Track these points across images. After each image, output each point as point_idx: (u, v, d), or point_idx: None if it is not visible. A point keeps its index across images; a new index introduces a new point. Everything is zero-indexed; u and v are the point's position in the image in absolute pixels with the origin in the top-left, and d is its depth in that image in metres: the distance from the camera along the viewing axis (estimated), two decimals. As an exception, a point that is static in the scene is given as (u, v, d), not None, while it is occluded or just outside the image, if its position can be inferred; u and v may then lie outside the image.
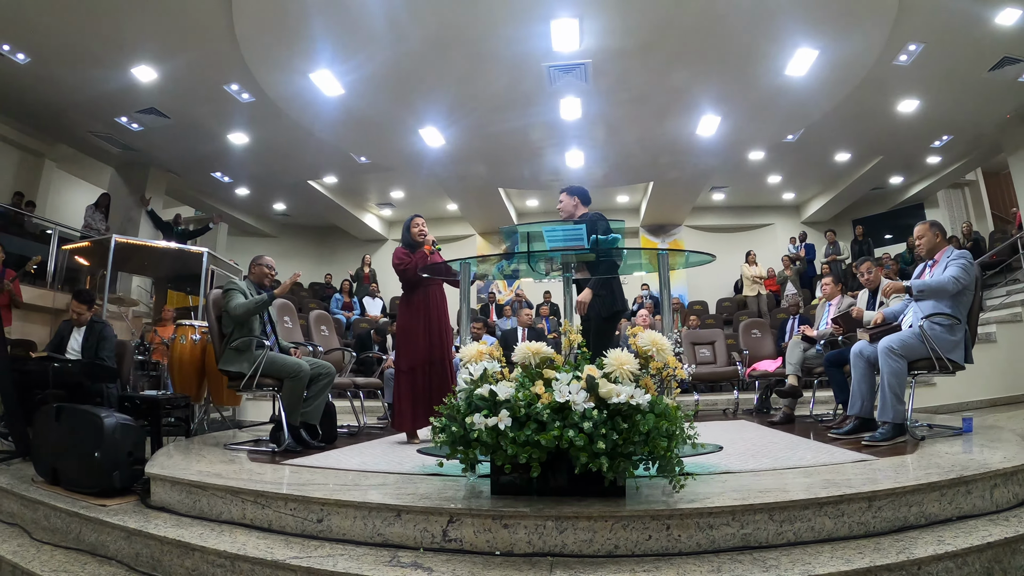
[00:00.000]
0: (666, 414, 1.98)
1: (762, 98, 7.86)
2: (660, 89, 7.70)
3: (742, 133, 8.96)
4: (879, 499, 2.00)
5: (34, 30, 6.43)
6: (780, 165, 11.16)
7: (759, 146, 9.88)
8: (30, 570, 2.25)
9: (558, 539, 1.91)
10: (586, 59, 6.97)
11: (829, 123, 8.75)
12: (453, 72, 7.37)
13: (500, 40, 6.68)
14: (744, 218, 13.83)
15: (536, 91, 7.72)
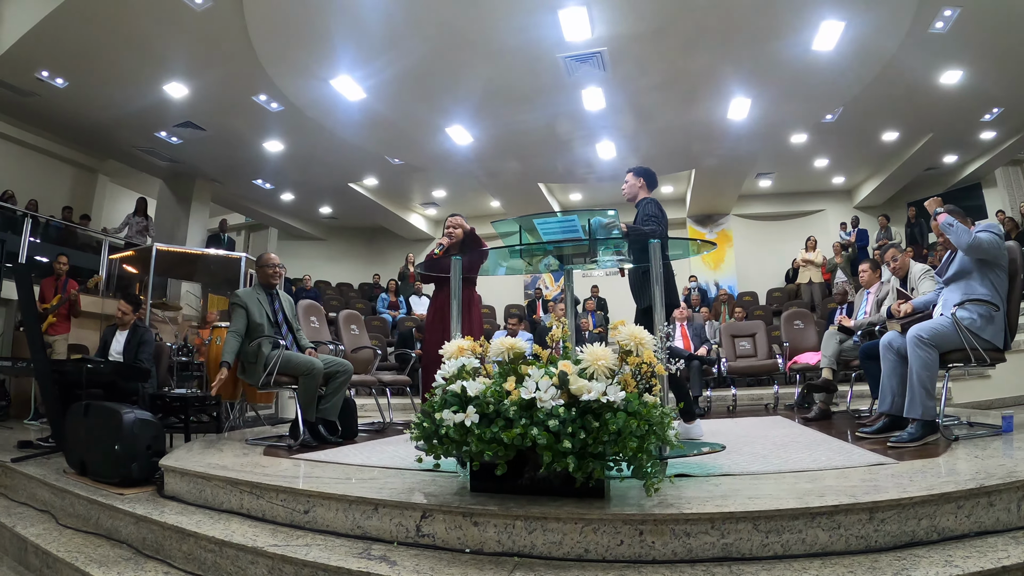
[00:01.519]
0: (638, 413, 1.88)
1: (791, 77, 7.52)
2: (682, 73, 7.49)
3: (776, 115, 8.60)
4: (882, 511, 1.79)
5: (68, 56, 6.86)
6: (825, 147, 10.65)
7: (799, 128, 9.46)
8: (48, 550, 2.45)
9: (527, 540, 1.87)
10: (600, 47, 6.85)
11: (870, 100, 8.28)
12: (469, 70, 7.39)
13: (510, 34, 6.65)
14: (794, 205, 13.28)
15: (555, 83, 7.64)
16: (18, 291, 4.31)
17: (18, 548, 2.70)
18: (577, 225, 2.87)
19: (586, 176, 11.18)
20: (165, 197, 10.83)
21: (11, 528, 2.76)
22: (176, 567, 2.23)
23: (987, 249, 3.02)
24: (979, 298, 3.04)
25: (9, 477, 3.56)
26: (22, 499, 3.28)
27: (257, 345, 3.95)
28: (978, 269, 3.08)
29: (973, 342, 2.98)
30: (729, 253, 13.20)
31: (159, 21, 6.23)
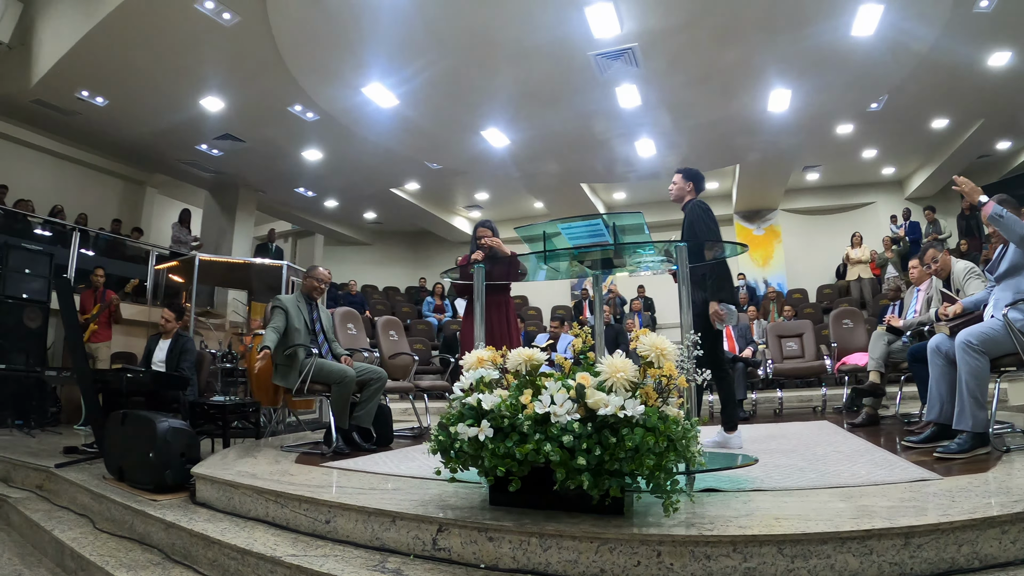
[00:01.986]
0: (656, 428, 1.80)
1: (831, 65, 7.24)
2: (717, 66, 7.29)
3: (819, 105, 8.30)
4: (918, 535, 1.63)
5: (106, 76, 7.18)
6: (873, 137, 10.22)
7: (844, 118, 9.11)
8: (82, 554, 2.54)
9: (542, 557, 1.81)
10: (631, 43, 6.73)
11: (916, 86, 7.93)
12: (499, 72, 7.39)
13: (538, 34, 6.61)
14: (843, 198, 12.82)
15: (588, 82, 7.55)
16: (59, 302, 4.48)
17: (56, 551, 2.79)
18: (602, 228, 2.78)
19: (627, 174, 11.05)
20: (210, 207, 11.23)
21: (50, 532, 2.87)
22: (202, 573, 2.28)
23: None
24: None
25: (52, 482, 3.70)
26: (63, 503, 3.41)
27: (293, 351, 4.02)
28: None
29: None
30: (778, 249, 12.83)
31: (190, 38, 6.45)
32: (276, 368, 4.09)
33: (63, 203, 9.41)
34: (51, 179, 10.11)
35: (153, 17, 6.07)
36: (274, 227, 13.12)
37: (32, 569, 2.75)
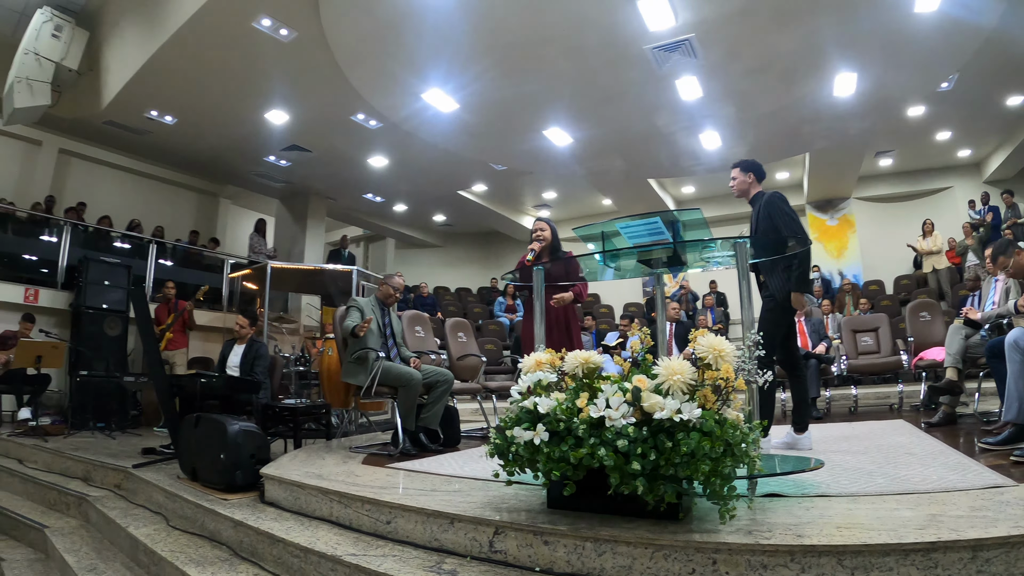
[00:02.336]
0: (713, 433, 1.75)
1: (896, 44, 6.83)
2: (778, 53, 7.02)
3: (886, 88, 7.87)
4: (986, 549, 1.52)
5: (172, 95, 7.62)
6: (946, 119, 9.65)
7: (914, 100, 8.63)
8: (154, 550, 2.69)
9: (596, 562, 1.79)
10: (687, 34, 6.56)
11: (986, 62, 7.43)
12: (556, 72, 7.35)
13: (592, 31, 6.54)
14: (918, 183, 12.19)
15: (647, 76, 7.42)
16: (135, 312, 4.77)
17: (131, 546, 2.97)
18: (661, 226, 2.74)
19: (694, 168, 10.85)
20: (282, 216, 11.72)
21: (125, 528, 3.05)
22: (266, 570, 2.38)
23: None
24: None
25: (130, 481, 3.92)
26: (140, 502, 3.61)
27: (365, 352, 4.14)
28: None
29: None
30: (852, 239, 12.37)
31: (251, 55, 6.73)
32: (345, 367, 4.22)
33: (140, 217, 10.06)
34: (128, 195, 10.82)
35: (213, 38, 6.37)
36: (346, 233, 13.59)
37: (107, 563, 2.93)
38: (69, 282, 7.87)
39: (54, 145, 9.81)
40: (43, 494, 4.25)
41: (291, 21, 6.18)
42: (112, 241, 9.20)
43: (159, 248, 9.30)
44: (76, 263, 7.78)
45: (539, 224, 4.22)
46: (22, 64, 6.72)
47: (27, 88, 6.71)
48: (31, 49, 6.77)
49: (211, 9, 5.83)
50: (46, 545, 3.42)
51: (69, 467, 4.60)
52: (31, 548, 3.61)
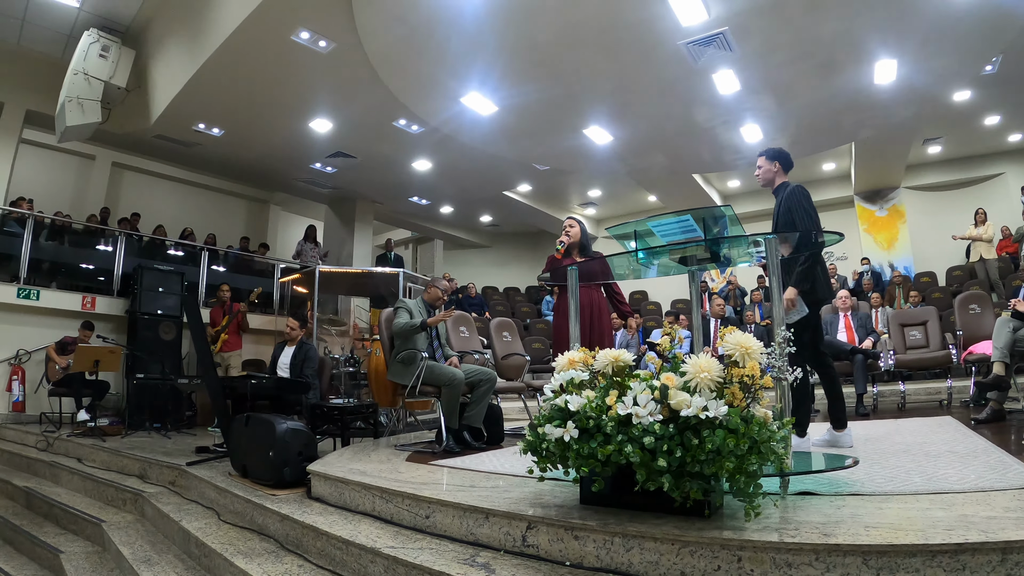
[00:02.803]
0: (738, 430, 1.76)
1: (934, 29, 6.61)
2: (814, 42, 6.87)
3: (928, 73, 7.63)
4: (1016, 552, 1.48)
5: (218, 108, 7.93)
6: (994, 102, 9.26)
7: (958, 84, 8.32)
8: (204, 542, 2.84)
9: (624, 557, 1.83)
10: (721, 27, 6.48)
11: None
12: (592, 71, 7.36)
13: (624, 29, 6.52)
14: (969, 170, 11.77)
15: (683, 72, 7.36)
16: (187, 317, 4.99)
17: (183, 539, 3.13)
18: (693, 223, 2.72)
19: (736, 162, 10.72)
20: (331, 220, 12.07)
21: (178, 522, 3.21)
22: (311, 561, 2.48)
23: None
24: None
25: (184, 478, 4.11)
26: (192, 497, 3.78)
27: (413, 353, 4.25)
28: None
29: None
30: (903, 230, 12.03)
31: (291, 67, 6.94)
32: (392, 367, 4.35)
33: (192, 225, 10.51)
34: (180, 204, 11.33)
35: (254, 52, 6.59)
36: (391, 236, 13.90)
37: (161, 555, 3.09)
38: (125, 289, 8.28)
39: (107, 159, 10.37)
40: (101, 491, 4.49)
41: (328, 33, 6.34)
42: (165, 249, 9.63)
43: (211, 255, 9.68)
44: (131, 271, 8.19)
45: (569, 221, 4.29)
46: (72, 84, 7.07)
47: (78, 107, 7.06)
48: (80, 69, 7.12)
49: (250, 25, 6.03)
50: (103, 538, 3.62)
51: (126, 465, 4.85)
52: (89, 541, 3.81)
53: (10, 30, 7.86)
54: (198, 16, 6.81)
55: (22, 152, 8.70)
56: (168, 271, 8.21)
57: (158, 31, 7.69)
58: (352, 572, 2.33)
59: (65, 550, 3.62)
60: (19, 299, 7.49)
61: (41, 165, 9.85)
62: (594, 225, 14.57)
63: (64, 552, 3.57)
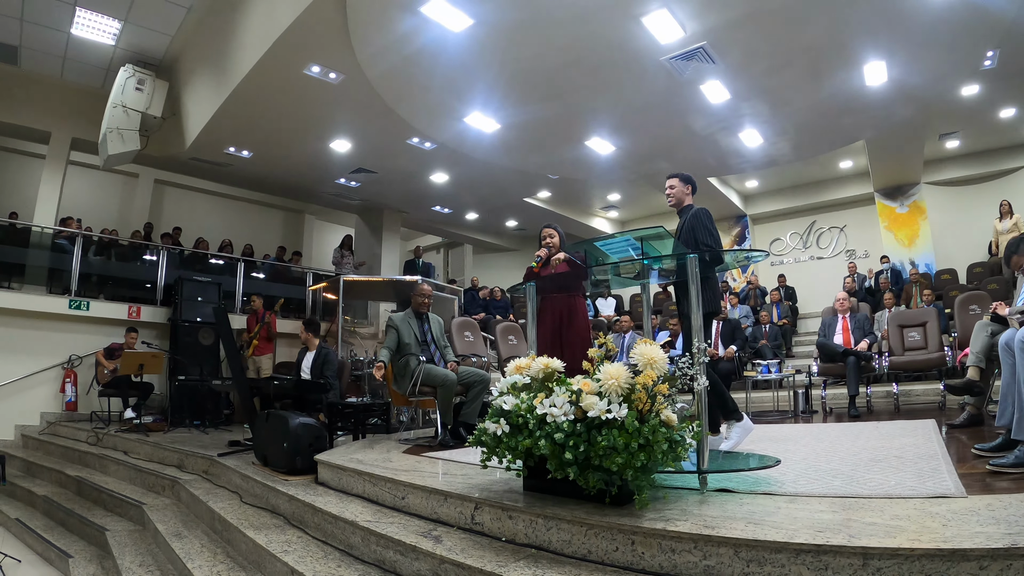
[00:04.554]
0: (627, 430, 2.07)
1: (919, 28, 6.64)
2: (797, 50, 6.97)
3: (922, 73, 7.58)
4: (877, 557, 1.59)
5: (246, 133, 8.54)
6: (1007, 95, 8.99)
7: (959, 81, 8.22)
8: (225, 518, 3.37)
9: (546, 536, 2.18)
10: (699, 42, 6.68)
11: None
12: (585, 89, 7.66)
13: (608, 51, 6.80)
14: (991, 164, 11.46)
15: (672, 85, 7.58)
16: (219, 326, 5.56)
17: (210, 518, 3.67)
18: (633, 243, 2.94)
19: (742, 166, 10.85)
20: (361, 229, 12.66)
21: (206, 503, 3.76)
22: (308, 534, 2.99)
23: None
24: None
25: (215, 467, 4.69)
26: (221, 483, 4.36)
27: (405, 361, 4.69)
28: None
29: None
30: (924, 227, 11.82)
31: (307, 96, 7.49)
32: (395, 377, 4.80)
33: (231, 236, 11.18)
34: (219, 216, 12.08)
35: (273, 84, 7.15)
36: (420, 243, 14.42)
37: (190, 531, 3.65)
38: (167, 299, 8.95)
39: (149, 177, 11.16)
40: (143, 479, 5.11)
41: (336, 66, 6.86)
42: (205, 261, 10.28)
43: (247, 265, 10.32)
44: (172, 282, 8.88)
45: (547, 231, 4.36)
46: (112, 116, 7.77)
47: (119, 137, 7.76)
48: (119, 102, 7.82)
49: (266, 62, 6.60)
50: (143, 518, 4.19)
51: (166, 457, 5.46)
52: (131, 521, 4.41)
53: (53, 66, 8.64)
54: (221, 54, 7.43)
55: (70, 173, 9.43)
56: (207, 282, 8.87)
57: (188, 64, 8.35)
58: (338, 541, 2.82)
59: (110, 528, 4.21)
60: (71, 310, 8.18)
61: (88, 185, 10.65)
62: (618, 227, 14.79)
63: (109, 530, 4.16)
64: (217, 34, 7.44)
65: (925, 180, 11.85)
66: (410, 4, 5.89)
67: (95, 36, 7.92)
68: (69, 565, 3.91)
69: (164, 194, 11.62)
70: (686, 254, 2.70)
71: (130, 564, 3.49)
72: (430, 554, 2.25)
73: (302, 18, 5.88)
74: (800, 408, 6.33)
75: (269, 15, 6.36)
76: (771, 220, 13.78)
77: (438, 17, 6.07)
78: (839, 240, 13.02)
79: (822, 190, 12.95)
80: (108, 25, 7.72)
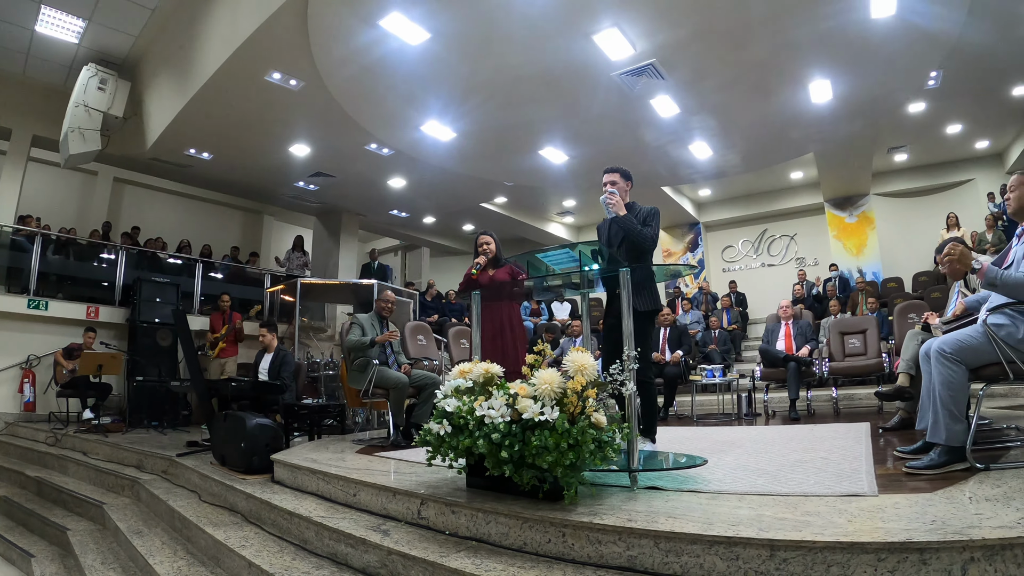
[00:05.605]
0: (555, 431, 2.23)
1: (860, 48, 6.92)
2: (743, 68, 7.25)
3: (867, 90, 7.89)
4: (781, 549, 1.69)
5: (206, 135, 8.60)
6: (953, 112, 9.55)
7: (907, 98, 8.56)
8: (185, 516, 3.48)
9: (485, 529, 2.31)
10: (648, 59, 6.93)
11: (977, 53, 7.33)
12: (538, 102, 7.88)
13: (560, 67, 7.03)
14: (938, 177, 12.01)
15: (623, 99, 7.81)
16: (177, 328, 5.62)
17: (169, 516, 3.77)
18: (574, 255, 3.09)
19: (692, 176, 11.18)
20: (319, 231, 12.68)
21: (166, 502, 3.86)
22: (265, 530, 3.12)
23: None
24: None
25: (174, 467, 4.77)
26: (180, 483, 4.44)
27: (364, 362, 4.84)
28: None
29: (1010, 355, 2.48)
30: (872, 236, 12.31)
31: (268, 101, 7.59)
32: (350, 373, 4.95)
33: (190, 236, 11.13)
34: (178, 216, 12.01)
35: (233, 90, 7.24)
36: (376, 246, 14.44)
37: (150, 529, 3.76)
38: (125, 299, 8.92)
39: (109, 175, 11.05)
40: (103, 479, 5.16)
41: (296, 73, 6.98)
42: (163, 261, 10.25)
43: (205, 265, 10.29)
44: (131, 282, 8.85)
45: (484, 238, 4.49)
46: (74, 116, 7.75)
47: (80, 136, 7.74)
48: (81, 102, 7.80)
49: (229, 68, 6.69)
50: (104, 518, 4.27)
51: (125, 457, 5.51)
52: (91, 521, 4.47)
53: (16, 62, 8.57)
54: (184, 57, 7.47)
55: (29, 170, 9.34)
56: (165, 282, 8.87)
57: (151, 65, 8.35)
58: (293, 536, 2.95)
59: (71, 528, 4.27)
60: (29, 309, 8.12)
61: (47, 182, 10.51)
62: (574, 232, 15.04)
63: (70, 530, 4.22)
64: (181, 37, 7.46)
65: (875, 191, 12.33)
66: (369, 17, 6.05)
67: (59, 34, 7.89)
68: (32, 564, 3.96)
69: (123, 192, 11.50)
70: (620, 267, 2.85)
71: (92, 562, 3.57)
72: (378, 546, 2.40)
73: (265, 26, 6.00)
74: (743, 411, 6.53)
75: (233, 22, 6.44)
76: (724, 228, 14.14)
77: (396, 31, 6.25)
78: (790, 248, 13.47)
79: (774, 199, 13.37)
80: (72, 24, 7.70)
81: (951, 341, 2.57)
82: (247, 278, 11.17)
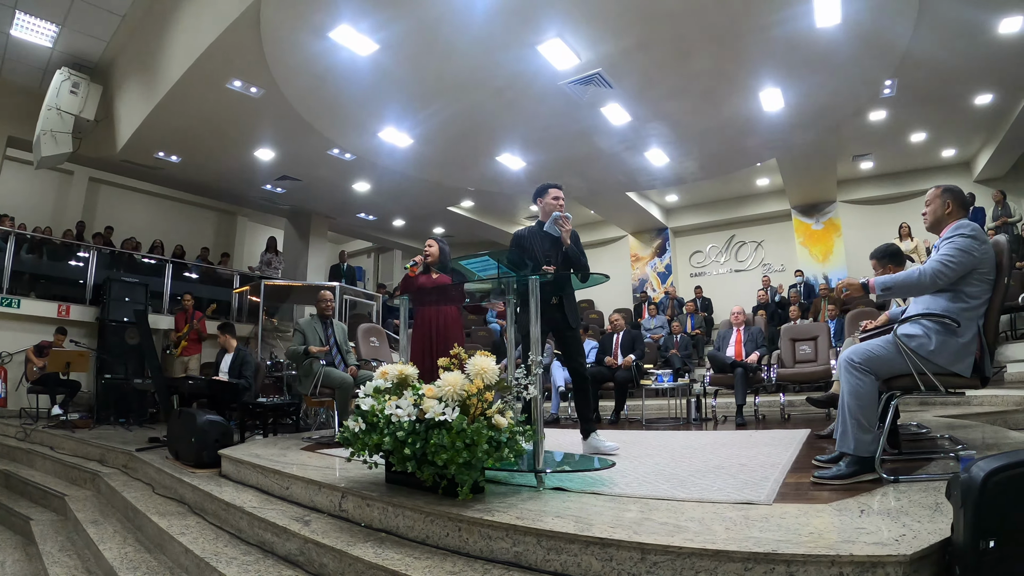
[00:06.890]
0: (452, 430, 2.41)
1: (808, 57, 6.98)
2: (691, 77, 7.39)
3: (821, 99, 8.01)
4: (652, 553, 1.77)
5: (174, 139, 8.82)
6: (916, 121, 9.55)
7: (864, 106, 8.64)
8: (136, 507, 3.69)
9: (395, 521, 2.49)
10: (594, 69, 7.09)
11: (931, 62, 7.31)
12: (491, 110, 8.09)
13: (508, 76, 7.23)
14: (904, 185, 12.10)
15: (573, 107, 7.98)
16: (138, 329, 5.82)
17: (124, 507, 3.98)
18: (493, 262, 3.24)
19: (652, 182, 11.30)
20: (290, 233, 12.86)
21: (121, 494, 4.07)
22: (206, 519, 3.34)
23: (958, 270, 2.53)
24: (937, 312, 2.55)
25: (133, 462, 4.98)
26: (138, 476, 4.65)
27: (310, 363, 5.05)
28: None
29: (920, 366, 2.50)
30: (838, 243, 12.51)
31: (231, 108, 7.80)
32: (299, 378, 5.17)
33: (163, 236, 11.28)
34: (152, 216, 12.16)
35: (198, 96, 7.45)
36: (347, 248, 14.58)
37: (106, 518, 3.97)
38: (96, 298, 9.07)
39: (84, 174, 11.19)
40: (67, 472, 5.35)
41: (256, 81, 7.20)
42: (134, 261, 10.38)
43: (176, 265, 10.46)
44: (101, 282, 9.00)
45: (429, 242, 4.69)
46: (47, 119, 7.93)
47: (52, 139, 7.92)
48: (53, 105, 7.98)
49: (192, 75, 6.90)
50: (65, 509, 4.46)
51: (89, 452, 5.70)
52: (54, 512, 4.67)
53: (-10, 65, 8.68)
54: (151, 63, 7.66)
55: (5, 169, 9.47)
56: (134, 283, 9.02)
57: (121, 69, 8.52)
58: (230, 526, 3.17)
59: (35, 518, 4.48)
60: (1, 307, 8.26)
61: (22, 181, 10.61)
62: (543, 236, 15.22)
63: (34, 520, 4.43)
64: (148, 43, 7.65)
65: (841, 199, 12.50)
66: (318, 29, 6.26)
67: (33, 38, 8.05)
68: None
69: (99, 192, 11.63)
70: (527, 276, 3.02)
71: (51, 549, 3.78)
72: (298, 535, 2.61)
73: (223, 37, 6.22)
74: (692, 416, 6.53)
75: (194, 31, 6.65)
76: (692, 233, 14.30)
77: (345, 42, 6.46)
78: (758, 253, 13.66)
79: (742, 205, 13.52)
80: (46, 28, 7.88)
81: (860, 351, 2.59)
82: (218, 279, 11.32)
